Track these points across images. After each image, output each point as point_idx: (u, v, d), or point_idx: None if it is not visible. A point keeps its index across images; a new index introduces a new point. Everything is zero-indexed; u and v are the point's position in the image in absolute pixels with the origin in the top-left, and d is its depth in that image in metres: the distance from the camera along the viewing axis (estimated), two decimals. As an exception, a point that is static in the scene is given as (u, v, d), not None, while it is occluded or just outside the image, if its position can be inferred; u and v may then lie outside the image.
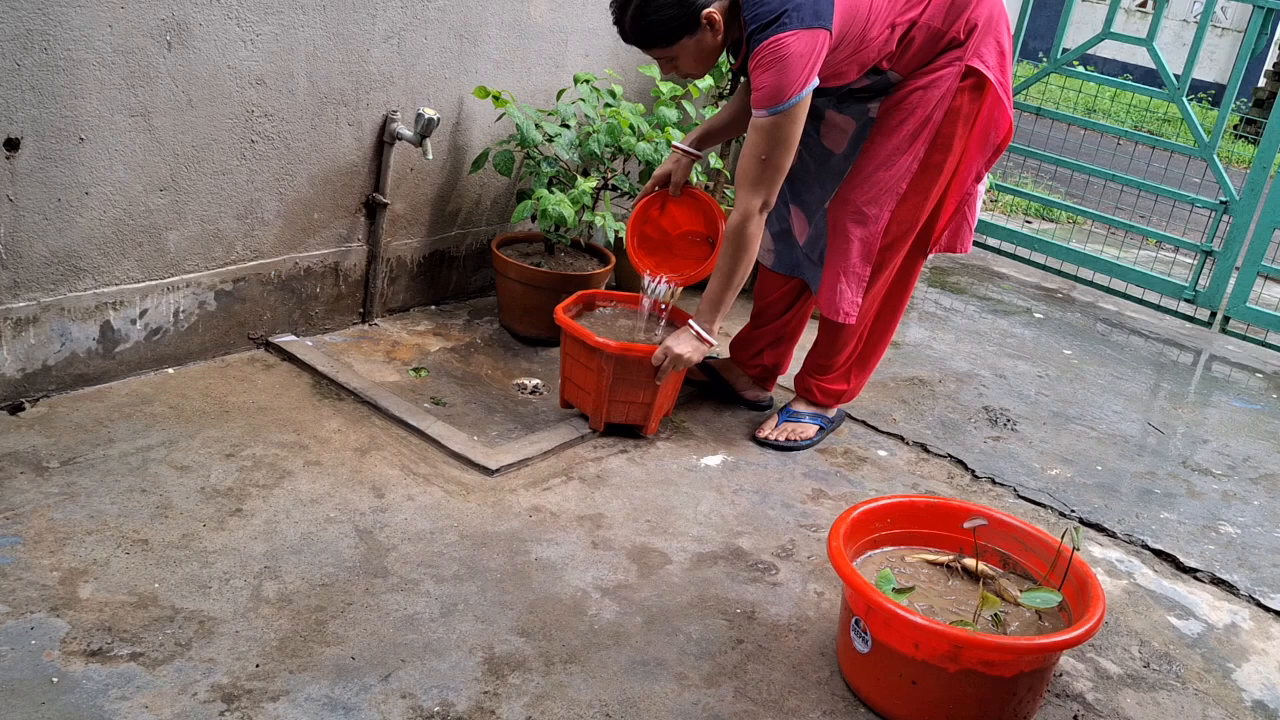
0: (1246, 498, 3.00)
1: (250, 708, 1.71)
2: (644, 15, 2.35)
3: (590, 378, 2.66)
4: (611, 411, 2.68)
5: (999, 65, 2.50)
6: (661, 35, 2.37)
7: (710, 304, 2.59)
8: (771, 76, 2.29)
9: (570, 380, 2.75)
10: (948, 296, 4.39)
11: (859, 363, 2.88)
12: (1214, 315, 4.41)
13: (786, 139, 2.37)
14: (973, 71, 2.48)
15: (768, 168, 2.41)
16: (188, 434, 2.43)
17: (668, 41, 2.38)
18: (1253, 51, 4.28)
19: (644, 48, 2.43)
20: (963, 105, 2.51)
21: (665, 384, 2.66)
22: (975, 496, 2.76)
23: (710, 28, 2.36)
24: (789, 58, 2.27)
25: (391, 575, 2.08)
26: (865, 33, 2.38)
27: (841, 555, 1.92)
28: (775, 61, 2.28)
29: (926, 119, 2.51)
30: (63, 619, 1.83)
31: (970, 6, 2.45)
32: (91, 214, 2.44)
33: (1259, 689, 2.18)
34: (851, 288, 2.68)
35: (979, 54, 2.47)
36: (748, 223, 2.46)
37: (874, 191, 2.58)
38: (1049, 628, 1.98)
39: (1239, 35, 13.33)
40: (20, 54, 2.21)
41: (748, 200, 2.45)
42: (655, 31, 2.37)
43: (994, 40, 2.49)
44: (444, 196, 3.26)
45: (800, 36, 2.26)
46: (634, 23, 2.38)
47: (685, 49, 2.39)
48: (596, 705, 1.84)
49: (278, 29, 2.63)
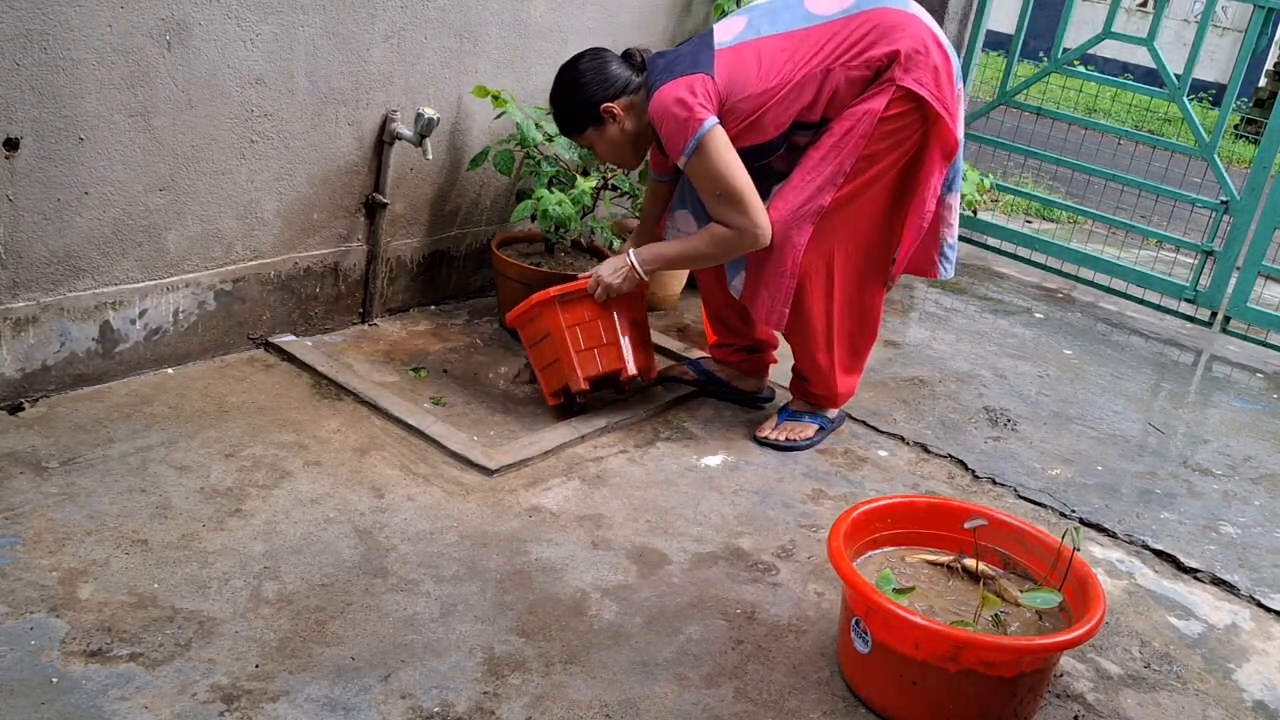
0: (1247, 498, 3.00)
1: (250, 708, 1.71)
2: (555, 106, 2.65)
3: (551, 347, 2.70)
4: (584, 364, 2.68)
5: (935, 83, 2.45)
6: (569, 126, 2.65)
7: (655, 252, 2.68)
8: (668, 127, 2.45)
9: (541, 368, 2.77)
10: (948, 296, 4.39)
11: (843, 368, 2.82)
12: (1214, 315, 4.40)
13: (718, 173, 2.47)
14: (906, 90, 2.44)
15: (727, 198, 2.50)
16: (187, 434, 2.43)
17: (575, 131, 2.65)
18: (1253, 51, 4.28)
19: (564, 135, 2.72)
20: (897, 119, 2.47)
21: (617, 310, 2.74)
22: (975, 497, 2.76)
23: (613, 119, 2.58)
24: (670, 104, 2.43)
25: (391, 575, 2.08)
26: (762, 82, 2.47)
27: (842, 555, 1.92)
28: (663, 114, 2.45)
29: (851, 130, 2.47)
30: (62, 619, 1.83)
31: (887, 37, 2.45)
32: (91, 214, 2.43)
33: (1260, 689, 2.18)
34: (773, 294, 2.60)
35: (911, 75, 2.44)
36: (737, 236, 2.52)
37: (796, 202, 2.53)
38: (1049, 628, 1.98)
39: (1240, 35, 13.33)
40: (20, 54, 2.21)
41: (731, 219, 2.52)
42: (563, 122, 2.66)
43: (925, 62, 2.45)
44: (444, 196, 3.26)
45: (675, 84, 2.45)
46: (552, 112, 2.68)
47: (592, 140, 2.65)
48: (596, 706, 1.83)
49: (277, 29, 2.63)
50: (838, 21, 2.48)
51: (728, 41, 2.51)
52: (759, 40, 2.50)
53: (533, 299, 2.69)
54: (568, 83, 2.60)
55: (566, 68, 2.62)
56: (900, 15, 2.49)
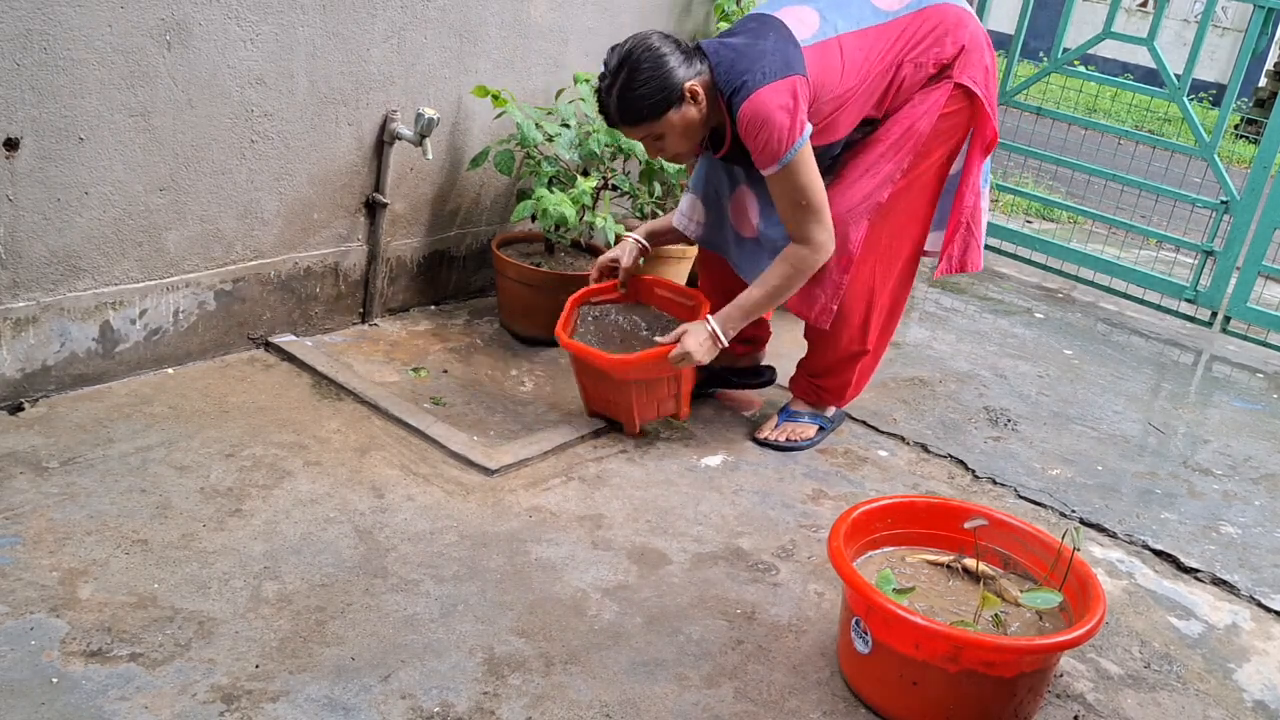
0: (1247, 498, 3.00)
1: (250, 708, 1.71)
2: (629, 90, 2.35)
3: (611, 389, 2.67)
4: (643, 413, 2.71)
5: (984, 83, 2.55)
6: (648, 111, 2.37)
7: (740, 309, 2.57)
8: (766, 134, 2.34)
9: (588, 391, 2.77)
10: (948, 296, 4.39)
11: (866, 364, 2.85)
12: (1215, 315, 4.40)
13: (806, 184, 2.41)
14: (961, 88, 2.52)
15: (808, 210, 2.45)
16: (187, 434, 2.43)
17: (654, 116, 2.38)
18: (1253, 51, 4.27)
19: (631, 126, 2.42)
20: (953, 115, 2.54)
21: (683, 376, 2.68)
22: (976, 497, 2.76)
23: (693, 100, 2.39)
24: (773, 110, 2.32)
25: (391, 575, 2.08)
26: (844, 82, 2.44)
27: (842, 555, 1.92)
28: (764, 119, 2.33)
29: (911, 128, 2.53)
30: (62, 619, 1.83)
31: (951, 34, 2.51)
32: (91, 214, 2.43)
33: (1260, 689, 2.18)
34: (826, 293, 2.63)
35: (967, 72, 2.52)
36: (814, 252, 2.49)
37: (856, 198, 2.56)
38: (1049, 628, 1.98)
39: (1240, 35, 13.33)
40: (20, 54, 2.21)
41: (810, 234, 2.47)
42: (640, 107, 2.37)
43: (979, 60, 2.54)
44: (444, 196, 3.26)
45: (777, 87, 2.32)
46: (620, 101, 2.37)
47: (671, 124, 2.40)
48: (596, 706, 1.83)
49: (277, 29, 2.63)
50: (905, 18, 2.51)
51: (810, 39, 2.42)
52: (840, 38, 2.45)
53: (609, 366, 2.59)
54: (648, 61, 2.34)
55: (639, 48, 2.36)
56: (961, 12, 2.56)
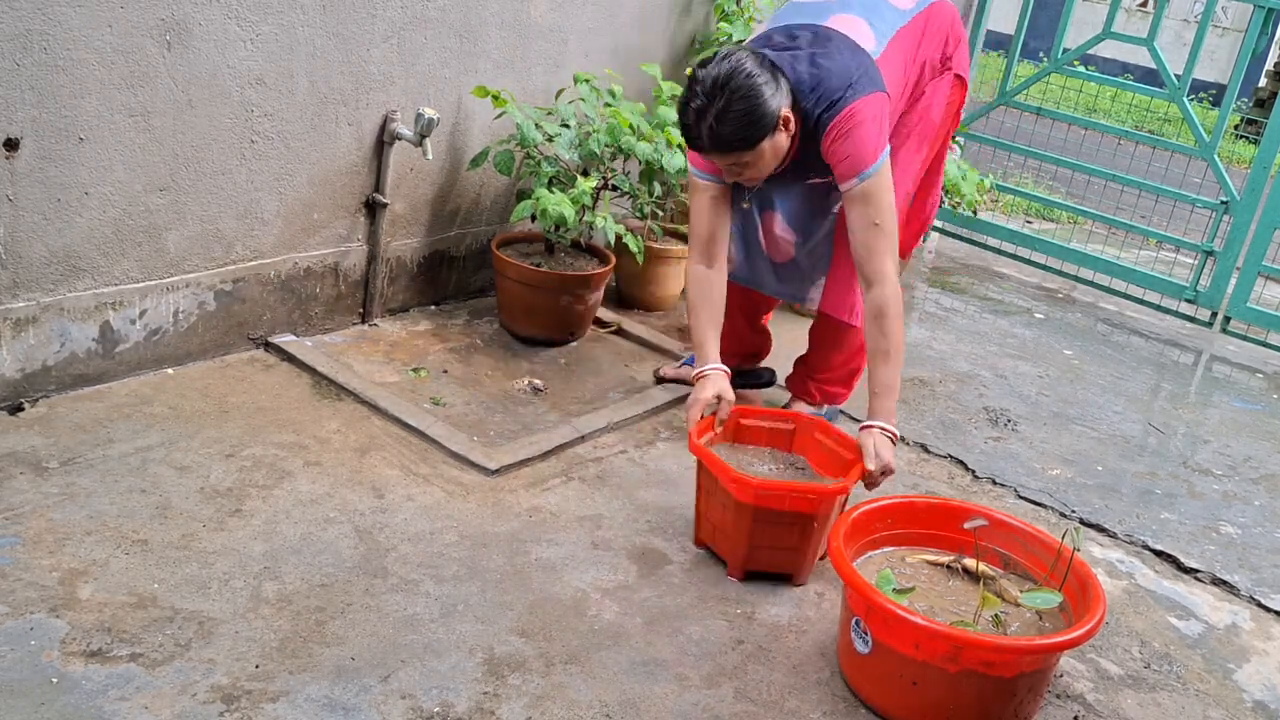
0: (1247, 498, 3.00)
1: (250, 708, 1.71)
2: (724, 121, 2.24)
3: (728, 517, 2.23)
4: (753, 558, 2.24)
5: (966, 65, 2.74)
6: (745, 141, 2.29)
7: (886, 392, 2.41)
8: (853, 144, 2.33)
9: (705, 518, 2.32)
10: (948, 296, 4.39)
11: (858, 371, 2.89)
12: (1215, 315, 4.40)
13: (887, 202, 2.38)
14: (960, 78, 2.70)
15: (880, 233, 2.38)
16: (187, 434, 2.43)
17: (750, 146, 2.29)
18: (1253, 51, 4.28)
19: (723, 154, 2.33)
20: (953, 106, 2.73)
21: (819, 529, 2.24)
22: (976, 497, 2.76)
23: (785, 128, 2.33)
24: (865, 122, 2.33)
25: (391, 575, 2.08)
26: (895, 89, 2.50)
27: (842, 555, 1.92)
28: (853, 129, 2.32)
29: (928, 121, 2.67)
30: (62, 619, 1.83)
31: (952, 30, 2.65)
32: (91, 214, 2.43)
33: (1260, 689, 2.18)
34: (857, 293, 2.68)
35: (962, 63, 2.70)
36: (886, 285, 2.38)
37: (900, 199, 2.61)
38: (1049, 628, 1.98)
39: (1239, 35, 13.32)
40: (20, 54, 2.20)
41: (883, 267, 2.39)
42: (737, 139, 2.28)
43: (965, 49, 2.72)
44: (444, 196, 3.26)
45: (869, 101, 2.34)
46: (714, 130, 2.26)
47: (763, 152, 2.32)
48: (596, 706, 1.83)
49: (277, 29, 2.63)
50: (920, 16, 2.59)
51: (874, 50, 2.43)
52: (889, 45, 2.48)
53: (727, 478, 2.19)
54: (746, 89, 2.23)
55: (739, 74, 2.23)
56: (952, 7, 2.68)
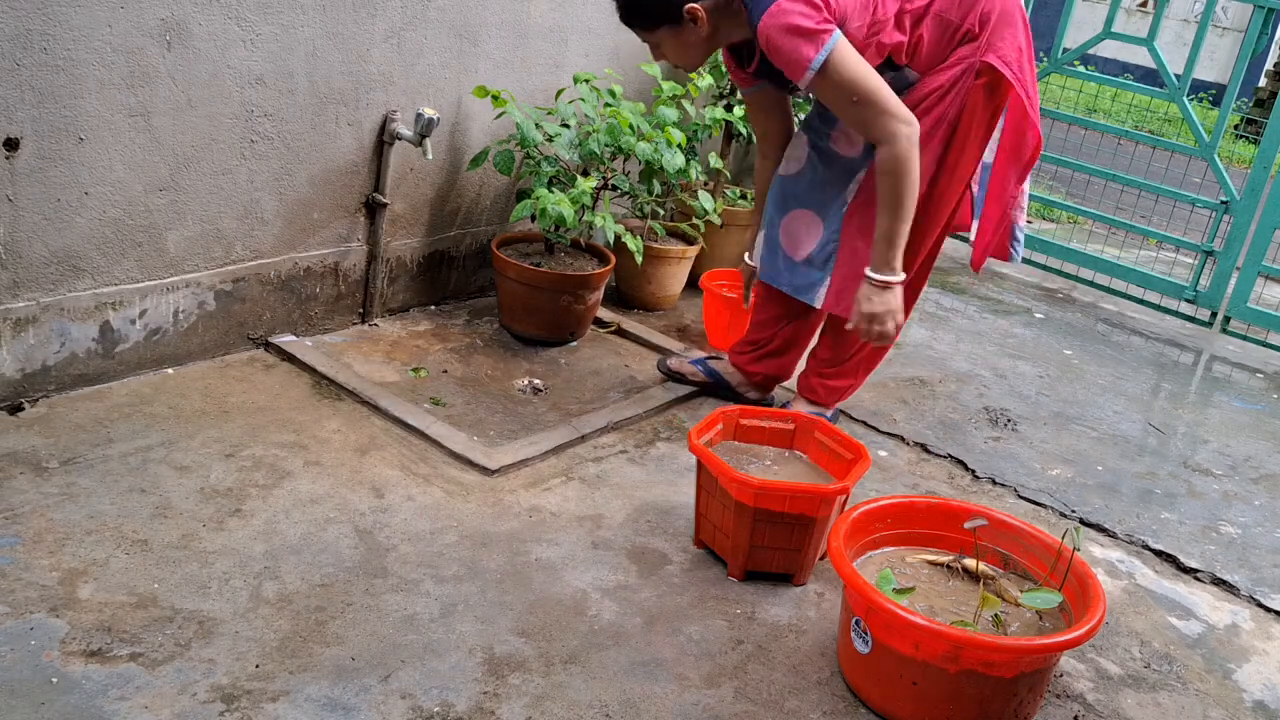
0: (1247, 498, 3.00)
1: (250, 708, 1.71)
2: None
3: (728, 517, 2.23)
4: (753, 558, 2.24)
5: (1018, 63, 2.42)
6: (641, 18, 2.42)
7: (884, 241, 2.39)
8: (787, 44, 2.25)
9: (705, 518, 2.31)
10: (948, 296, 4.39)
11: (866, 362, 2.88)
12: (1214, 315, 4.41)
13: (849, 79, 2.27)
14: (988, 68, 2.42)
15: (862, 105, 2.30)
16: (187, 434, 2.43)
17: (646, 26, 2.43)
18: (1253, 51, 4.28)
19: (630, 27, 2.48)
20: (978, 103, 2.46)
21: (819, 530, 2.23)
22: (976, 497, 2.76)
23: (693, 22, 2.36)
24: (791, 14, 2.23)
25: (391, 575, 2.08)
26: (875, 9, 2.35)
27: (842, 555, 1.92)
28: (782, 29, 2.24)
29: (942, 118, 2.48)
30: (62, 619, 1.83)
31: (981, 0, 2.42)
32: (91, 214, 2.43)
33: (1260, 689, 2.18)
34: None
35: (995, 49, 2.41)
36: (895, 143, 2.30)
37: None
38: (1049, 628, 1.98)
39: (1240, 35, 13.33)
40: (20, 54, 2.21)
41: (885, 127, 2.30)
42: (635, 13, 2.43)
43: (1011, 37, 2.42)
44: (444, 196, 3.26)
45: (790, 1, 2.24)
46: (619, 2, 2.44)
47: (665, 39, 2.43)
48: (596, 706, 1.83)
49: (277, 29, 2.63)
50: None
51: None
52: None
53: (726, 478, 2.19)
54: None
55: None
56: None
